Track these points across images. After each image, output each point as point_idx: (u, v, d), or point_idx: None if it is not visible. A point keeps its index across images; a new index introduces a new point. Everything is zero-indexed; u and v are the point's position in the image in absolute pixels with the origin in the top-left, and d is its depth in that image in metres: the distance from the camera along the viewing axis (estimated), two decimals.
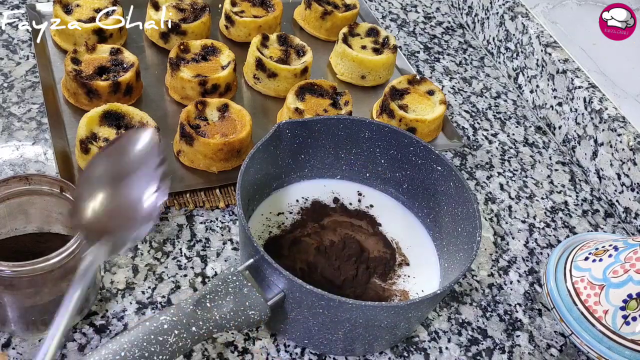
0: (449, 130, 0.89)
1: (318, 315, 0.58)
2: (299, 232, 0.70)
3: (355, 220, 0.73)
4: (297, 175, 0.75)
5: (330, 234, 0.70)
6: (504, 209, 0.85)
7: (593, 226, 0.85)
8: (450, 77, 1.04)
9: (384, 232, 0.73)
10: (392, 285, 0.67)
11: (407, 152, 0.72)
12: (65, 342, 0.60)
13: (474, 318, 0.71)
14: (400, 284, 0.68)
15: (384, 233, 0.73)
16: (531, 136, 0.97)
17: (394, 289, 0.67)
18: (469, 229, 0.65)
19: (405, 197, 0.76)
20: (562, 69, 0.94)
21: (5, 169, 0.74)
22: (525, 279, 0.76)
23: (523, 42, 1.02)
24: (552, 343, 0.70)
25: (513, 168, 0.91)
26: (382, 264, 0.69)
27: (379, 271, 0.68)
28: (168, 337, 0.51)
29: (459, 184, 0.67)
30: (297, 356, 0.64)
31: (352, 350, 0.64)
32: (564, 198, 0.88)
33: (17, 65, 0.86)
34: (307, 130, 0.71)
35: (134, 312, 0.64)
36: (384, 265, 0.69)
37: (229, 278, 0.57)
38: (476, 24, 1.14)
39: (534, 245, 0.81)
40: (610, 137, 0.86)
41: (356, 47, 0.95)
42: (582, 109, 0.91)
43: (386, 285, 0.67)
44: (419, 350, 0.67)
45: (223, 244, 0.72)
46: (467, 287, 0.74)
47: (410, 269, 0.70)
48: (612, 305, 0.64)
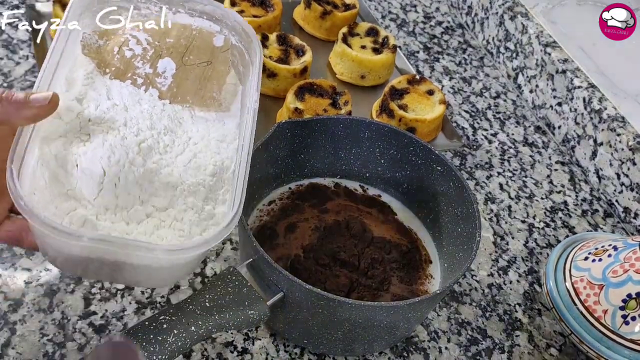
0: (448, 130, 0.89)
1: (317, 315, 0.58)
2: (294, 218, 0.70)
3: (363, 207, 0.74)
4: (297, 175, 0.75)
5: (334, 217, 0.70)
6: (504, 209, 0.85)
7: (592, 226, 0.85)
8: (449, 77, 1.04)
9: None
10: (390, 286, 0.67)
11: (407, 152, 0.72)
12: (64, 342, 0.60)
13: (474, 318, 0.71)
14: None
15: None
16: (531, 136, 0.97)
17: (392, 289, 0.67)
18: (469, 229, 0.65)
19: (405, 197, 0.76)
20: (562, 68, 0.94)
21: None
22: (524, 279, 0.76)
23: (522, 42, 1.02)
24: (552, 343, 0.71)
25: (513, 168, 0.91)
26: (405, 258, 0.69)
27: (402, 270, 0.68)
28: (167, 336, 0.51)
29: (459, 184, 0.67)
30: (296, 356, 0.64)
31: (352, 350, 0.64)
32: (564, 198, 0.88)
33: (17, 65, 0.86)
34: (306, 130, 0.71)
35: (133, 312, 0.64)
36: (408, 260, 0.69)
37: (228, 278, 0.57)
38: (476, 24, 1.14)
39: (533, 245, 0.81)
40: (609, 137, 0.86)
41: (356, 47, 0.95)
42: (581, 108, 0.91)
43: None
44: (419, 350, 0.67)
45: (222, 244, 0.72)
46: (466, 287, 0.74)
47: None
48: (612, 305, 0.64)
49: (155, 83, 0.54)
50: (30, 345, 0.59)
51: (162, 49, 0.55)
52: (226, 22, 0.57)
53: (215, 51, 0.56)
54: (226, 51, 0.56)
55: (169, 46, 0.55)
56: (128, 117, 0.52)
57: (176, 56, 0.55)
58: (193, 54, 0.55)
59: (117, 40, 0.54)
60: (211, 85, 0.55)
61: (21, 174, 0.46)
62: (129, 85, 0.54)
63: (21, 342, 0.59)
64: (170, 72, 0.54)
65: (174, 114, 0.54)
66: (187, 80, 0.54)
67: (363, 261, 0.66)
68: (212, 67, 0.55)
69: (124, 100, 0.53)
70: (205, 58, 0.56)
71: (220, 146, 0.55)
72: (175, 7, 0.57)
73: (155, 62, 0.54)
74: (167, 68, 0.54)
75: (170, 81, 0.54)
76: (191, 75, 0.54)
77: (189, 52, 0.55)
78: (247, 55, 0.57)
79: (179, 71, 0.54)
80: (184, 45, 0.55)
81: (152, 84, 0.54)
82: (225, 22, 0.57)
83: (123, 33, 0.55)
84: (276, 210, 0.71)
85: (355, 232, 0.68)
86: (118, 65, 0.54)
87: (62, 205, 0.48)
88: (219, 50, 0.56)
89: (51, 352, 0.59)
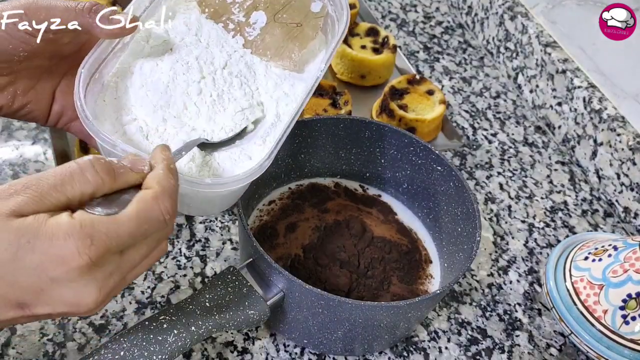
0: (448, 130, 0.89)
1: (317, 315, 0.58)
2: (294, 217, 0.70)
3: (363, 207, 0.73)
4: (297, 175, 0.75)
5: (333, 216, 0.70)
6: (504, 208, 0.85)
7: (592, 226, 0.85)
8: (449, 77, 1.04)
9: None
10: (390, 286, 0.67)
11: (407, 152, 0.72)
12: (64, 342, 0.60)
13: (474, 318, 0.71)
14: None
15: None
16: (531, 136, 0.97)
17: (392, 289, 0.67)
18: (469, 229, 0.65)
19: (405, 197, 0.76)
20: (562, 68, 0.94)
21: (5, 169, 0.74)
22: (524, 279, 0.76)
23: (522, 42, 1.02)
24: (552, 343, 0.71)
25: (512, 168, 0.91)
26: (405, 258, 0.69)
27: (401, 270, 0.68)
28: (167, 336, 0.51)
29: (459, 183, 0.67)
30: (296, 356, 0.64)
31: (352, 350, 0.64)
32: (564, 198, 0.88)
33: None
34: (306, 130, 0.71)
35: (133, 312, 0.64)
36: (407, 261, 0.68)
37: (228, 278, 0.57)
38: (476, 24, 1.14)
39: (533, 245, 0.81)
40: (609, 137, 0.86)
41: (356, 46, 0.95)
42: (581, 108, 0.91)
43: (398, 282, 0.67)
44: (419, 350, 0.67)
45: (222, 244, 0.72)
46: (466, 287, 0.74)
47: None
48: (612, 305, 0.64)
49: (244, 31, 0.57)
50: (30, 345, 0.59)
51: (260, 2, 0.58)
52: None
53: (309, 15, 0.59)
54: (319, 18, 0.59)
55: (267, 0, 0.58)
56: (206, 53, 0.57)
57: (270, 11, 0.58)
58: (287, 13, 0.58)
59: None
60: (293, 45, 0.57)
61: (92, 83, 0.52)
62: (220, 28, 0.57)
63: (21, 342, 0.59)
64: (260, 25, 0.58)
65: (251, 63, 0.57)
66: (273, 36, 0.57)
67: (363, 261, 0.66)
68: (300, 29, 0.58)
69: (210, 39, 0.57)
70: (297, 20, 0.58)
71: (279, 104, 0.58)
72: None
73: (250, 13, 0.58)
74: (259, 20, 0.58)
75: (257, 33, 0.57)
76: (278, 32, 0.57)
77: (284, 11, 0.59)
78: (337, 26, 0.59)
79: (268, 25, 0.58)
80: (281, 3, 0.59)
81: (240, 32, 0.57)
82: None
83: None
84: (276, 210, 0.71)
85: (356, 231, 0.68)
86: (217, 7, 0.58)
87: (122, 117, 0.52)
88: (313, 15, 0.59)
89: (51, 352, 0.59)
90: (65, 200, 0.39)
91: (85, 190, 0.40)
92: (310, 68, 0.58)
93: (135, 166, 0.43)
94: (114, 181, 0.41)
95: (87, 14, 0.50)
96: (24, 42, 0.51)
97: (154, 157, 0.45)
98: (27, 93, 0.55)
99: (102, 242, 0.39)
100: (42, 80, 0.56)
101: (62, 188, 0.39)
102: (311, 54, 0.59)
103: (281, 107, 0.57)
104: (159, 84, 0.54)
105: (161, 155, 0.46)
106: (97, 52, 0.52)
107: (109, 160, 0.42)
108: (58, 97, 0.57)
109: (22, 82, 0.55)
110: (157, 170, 0.44)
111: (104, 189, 0.41)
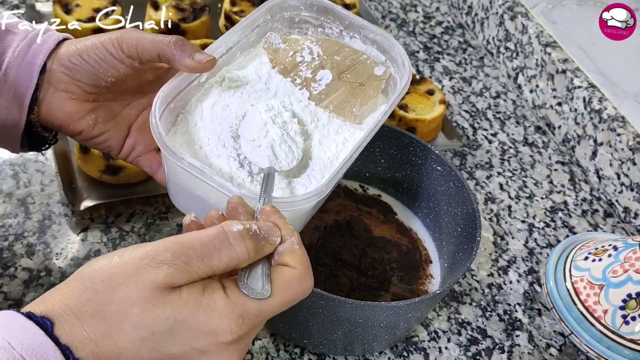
0: (448, 130, 0.89)
1: (317, 315, 0.58)
2: None
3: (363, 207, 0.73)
4: None
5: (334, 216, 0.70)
6: (504, 208, 0.85)
7: (592, 226, 0.85)
8: (449, 77, 1.04)
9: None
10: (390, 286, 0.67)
11: (407, 152, 0.72)
12: None
13: (474, 318, 0.71)
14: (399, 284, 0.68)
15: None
16: (531, 136, 0.97)
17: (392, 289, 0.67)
18: (469, 229, 0.65)
19: (405, 197, 0.76)
20: (562, 68, 0.94)
21: (5, 169, 0.74)
22: (524, 279, 0.76)
23: (523, 42, 1.02)
24: (552, 343, 0.71)
25: (513, 168, 0.91)
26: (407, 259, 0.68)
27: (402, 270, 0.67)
28: None
29: (459, 183, 0.67)
30: (296, 356, 0.64)
31: (352, 350, 0.64)
32: (564, 198, 0.88)
33: None
34: None
35: None
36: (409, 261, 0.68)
37: None
38: (476, 24, 1.14)
39: (533, 245, 0.81)
40: (609, 137, 0.86)
41: None
42: (581, 108, 0.91)
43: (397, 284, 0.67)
44: (419, 350, 0.67)
45: None
46: (466, 287, 0.74)
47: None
48: (612, 305, 0.64)
49: (310, 86, 0.61)
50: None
51: (327, 63, 0.63)
52: (391, 53, 0.63)
53: (372, 77, 0.63)
54: (381, 80, 0.63)
55: (334, 62, 0.63)
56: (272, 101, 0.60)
57: (336, 71, 0.62)
58: (351, 74, 0.63)
59: (294, 47, 0.63)
60: (354, 101, 0.61)
61: (167, 111, 0.56)
62: (288, 81, 0.61)
63: None
64: (325, 82, 0.62)
65: (315, 113, 0.60)
66: (337, 93, 0.61)
67: (363, 261, 0.66)
68: (362, 88, 0.62)
69: (278, 89, 0.61)
70: (360, 80, 0.62)
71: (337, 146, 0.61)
72: (352, 32, 0.65)
73: (317, 71, 0.62)
74: (325, 78, 0.62)
75: (322, 88, 0.62)
76: (341, 89, 0.62)
77: (348, 71, 0.63)
78: (399, 84, 0.62)
79: (332, 83, 0.62)
80: (347, 65, 0.63)
81: (307, 86, 0.61)
82: (390, 53, 0.63)
83: (302, 43, 0.64)
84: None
85: (356, 231, 0.68)
86: (287, 65, 0.62)
87: (191, 148, 0.56)
88: (375, 77, 0.63)
89: None
90: (211, 272, 0.41)
91: (230, 263, 0.41)
92: (368, 120, 0.61)
93: (270, 237, 0.44)
94: (256, 255, 0.43)
95: (173, 46, 0.54)
96: (113, 68, 0.55)
97: (279, 225, 0.45)
98: (107, 122, 0.59)
99: (251, 322, 0.41)
100: (122, 113, 0.60)
101: (209, 261, 0.41)
102: (371, 108, 0.62)
103: (339, 148, 0.60)
104: (228, 122, 0.57)
105: (284, 225, 0.46)
106: (175, 82, 0.55)
107: (254, 230, 0.43)
108: (133, 131, 0.60)
109: (104, 111, 0.58)
110: (293, 246, 0.44)
111: (248, 262, 0.42)
